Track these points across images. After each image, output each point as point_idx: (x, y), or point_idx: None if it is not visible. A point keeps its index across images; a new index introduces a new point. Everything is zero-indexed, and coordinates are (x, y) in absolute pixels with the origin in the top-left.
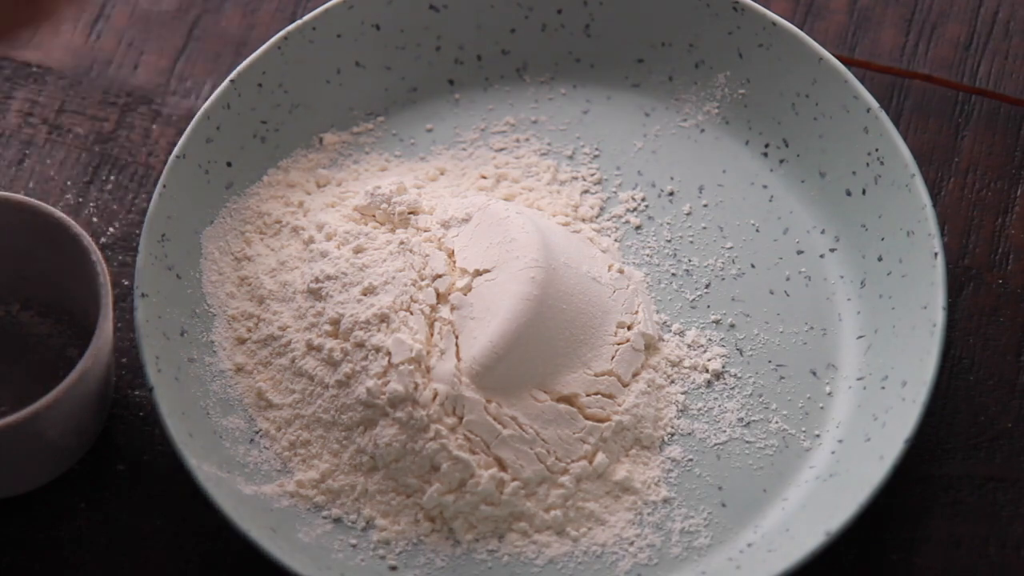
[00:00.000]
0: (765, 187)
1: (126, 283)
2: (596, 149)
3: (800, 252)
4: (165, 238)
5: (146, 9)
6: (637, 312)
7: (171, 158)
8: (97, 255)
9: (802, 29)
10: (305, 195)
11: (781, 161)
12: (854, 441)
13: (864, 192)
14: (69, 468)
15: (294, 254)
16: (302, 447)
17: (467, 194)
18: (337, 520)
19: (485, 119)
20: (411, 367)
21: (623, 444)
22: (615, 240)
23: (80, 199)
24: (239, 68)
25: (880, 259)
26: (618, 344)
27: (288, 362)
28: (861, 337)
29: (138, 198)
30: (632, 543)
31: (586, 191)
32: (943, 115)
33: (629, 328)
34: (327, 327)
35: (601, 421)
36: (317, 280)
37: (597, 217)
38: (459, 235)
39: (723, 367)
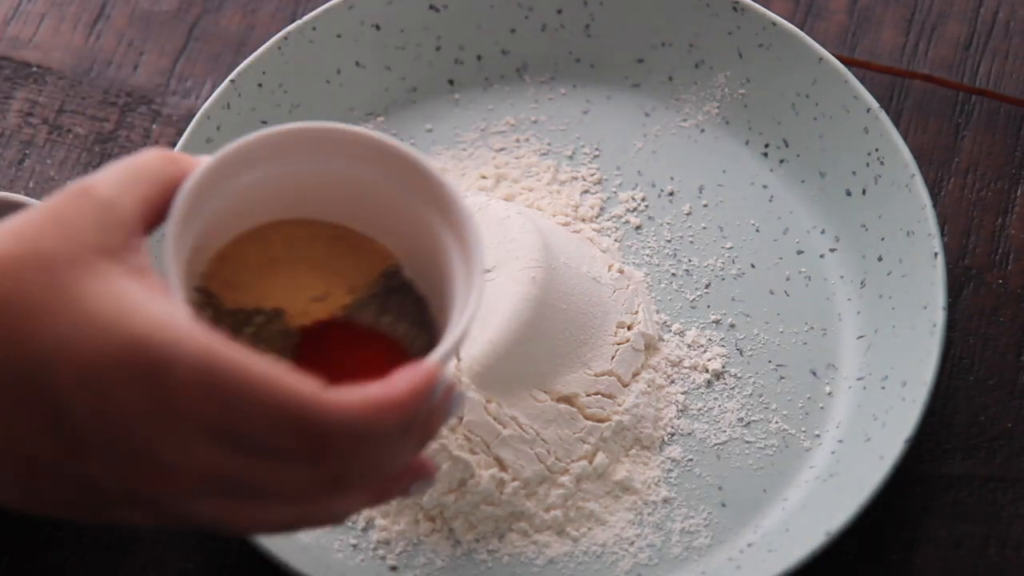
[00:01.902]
0: (765, 187)
1: None
2: (596, 149)
3: (800, 252)
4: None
5: (146, 9)
6: (637, 312)
7: None
8: None
9: (802, 29)
10: None
11: (781, 161)
12: (854, 441)
13: (864, 192)
14: None
15: None
16: None
17: (467, 194)
18: None
19: (485, 119)
20: None
21: (623, 444)
22: (615, 240)
23: None
24: (239, 68)
25: (880, 259)
26: (618, 344)
27: None
28: (861, 337)
29: None
30: (632, 543)
31: (586, 191)
32: (943, 115)
33: (629, 328)
34: None
35: (601, 421)
36: None
37: (597, 217)
38: None
39: (723, 367)
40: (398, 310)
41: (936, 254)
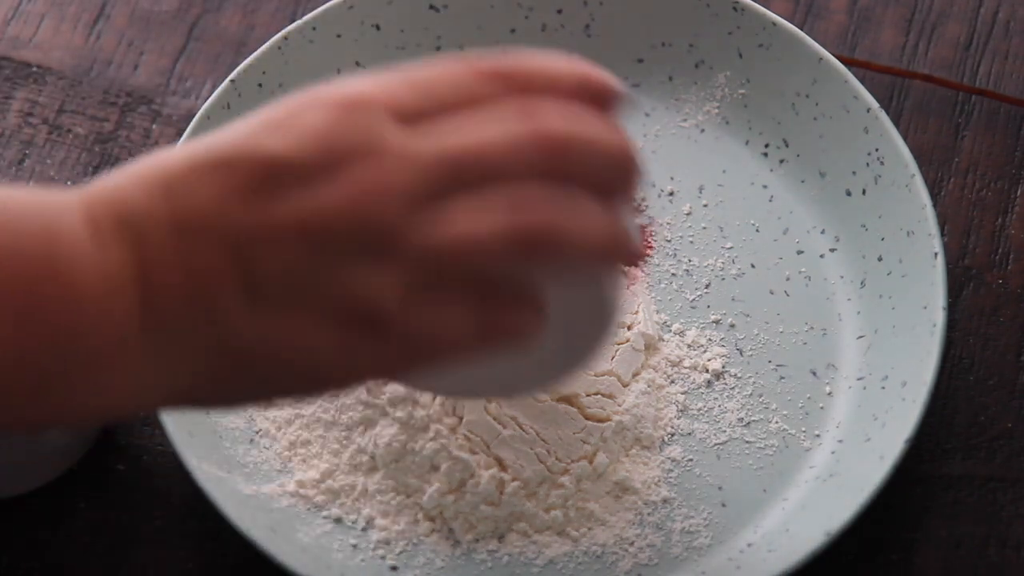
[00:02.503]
0: (765, 187)
1: None
2: None
3: (800, 252)
4: None
5: (146, 9)
6: (637, 312)
7: None
8: None
9: (802, 29)
10: None
11: (781, 161)
12: (854, 441)
13: (864, 192)
14: (69, 468)
15: None
16: (302, 447)
17: None
18: (337, 520)
19: None
20: None
21: (623, 444)
22: None
23: None
24: (239, 68)
25: (880, 259)
26: (618, 344)
27: None
28: (861, 337)
29: None
30: (632, 543)
31: None
32: (943, 115)
33: (629, 328)
34: None
35: (601, 421)
36: None
37: None
38: None
39: (723, 367)
40: None
41: (936, 254)
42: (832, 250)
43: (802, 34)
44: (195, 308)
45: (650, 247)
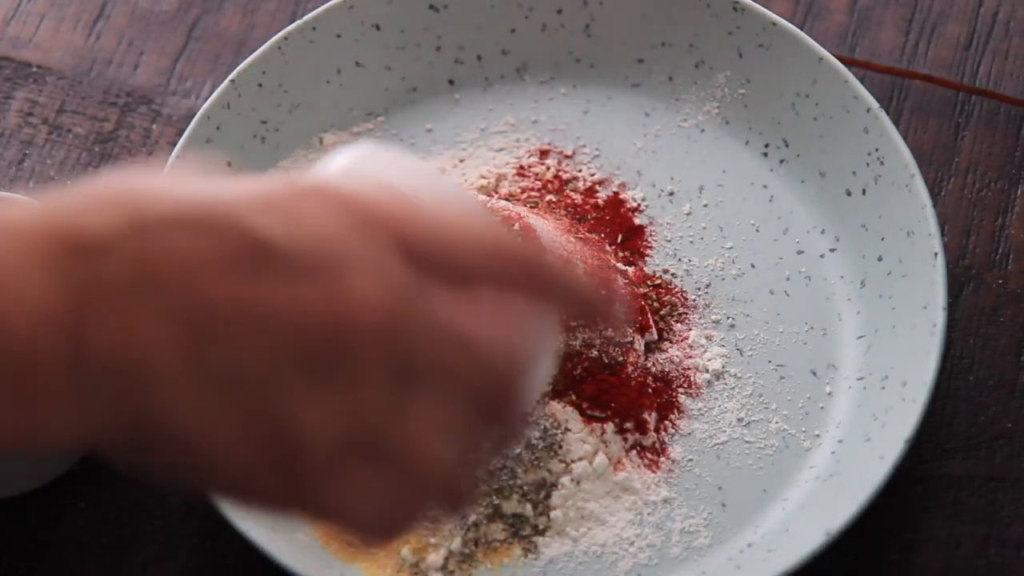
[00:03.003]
0: (765, 187)
1: None
2: (596, 149)
3: (800, 252)
4: None
5: (146, 9)
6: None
7: (171, 158)
8: None
9: (802, 29)
10: None
11: (781, 161)
12: (854, 441)
13: (864, 192)
14: (69, 468)
15: None
16: None
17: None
18: None
19: (485, 119)
20: None
21: (623, 444)
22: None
23: None
24: (239, 68)
25: (880, 259)
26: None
27: None
28: (861, 337)
29: None
30: (632, 543)
31: (586, 191)
32: (943, 115)
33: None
34: None
35: (601, 421)
36: None
37: None
38: None
39: (723, 367)
40: None
41: (936, 254)
42: (832, 250)
43: (802, 34)
44: (125, 376)
45: (650, 246)
